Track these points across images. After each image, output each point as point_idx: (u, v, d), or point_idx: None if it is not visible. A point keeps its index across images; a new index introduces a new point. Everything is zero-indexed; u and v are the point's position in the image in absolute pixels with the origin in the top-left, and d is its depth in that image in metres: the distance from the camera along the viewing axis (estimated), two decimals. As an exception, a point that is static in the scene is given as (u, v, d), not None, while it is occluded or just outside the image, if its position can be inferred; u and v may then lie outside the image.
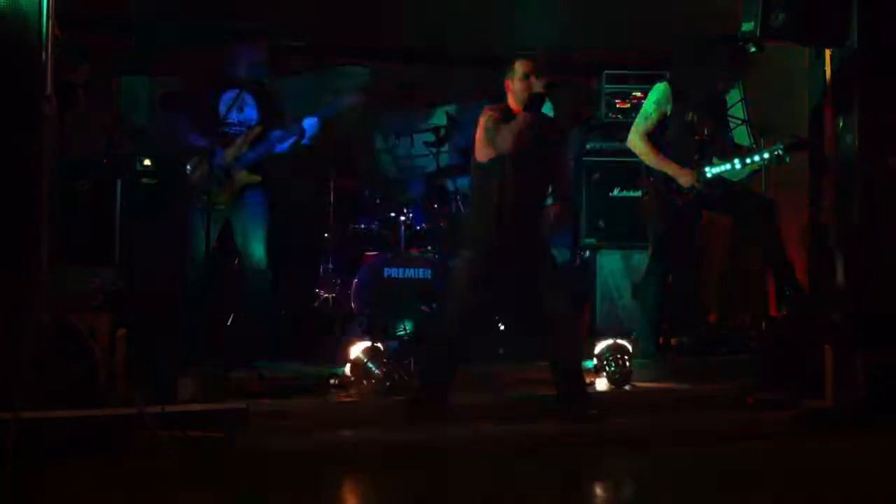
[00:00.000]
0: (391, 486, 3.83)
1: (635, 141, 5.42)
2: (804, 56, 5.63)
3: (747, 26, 5.07)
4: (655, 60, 7.93)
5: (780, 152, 5.24)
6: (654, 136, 5.41)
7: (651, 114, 5.41)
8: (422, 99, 8.30)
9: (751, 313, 6.81)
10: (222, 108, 5.42)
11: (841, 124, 5.28)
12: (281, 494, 3.65)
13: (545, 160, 4.63)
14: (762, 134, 6.15)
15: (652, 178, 5.46)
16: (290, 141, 5.62)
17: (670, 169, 5.33)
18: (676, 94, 5.38)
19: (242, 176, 5.46)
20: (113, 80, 7.18)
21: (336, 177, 6.84)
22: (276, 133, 5.61)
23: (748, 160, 5.32)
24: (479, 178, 4.61)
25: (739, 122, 7.29)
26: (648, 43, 7.50)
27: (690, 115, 5.38)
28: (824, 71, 5.37)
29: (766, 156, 5.27)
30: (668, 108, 5.40)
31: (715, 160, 5.36)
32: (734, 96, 6.33)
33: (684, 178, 5.30)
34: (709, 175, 5.33)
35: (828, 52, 5.33)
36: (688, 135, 5.40)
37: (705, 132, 5.42)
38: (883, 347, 5.21)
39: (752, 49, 5.39)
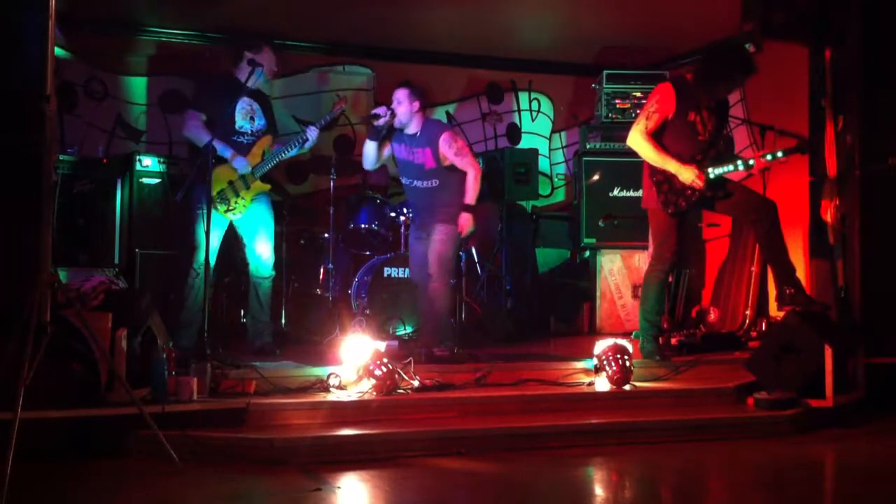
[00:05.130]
0: (392, 485, 3.83)
1: (636, 139, 5.40)
2: (804, 56, 5.64)
3: (747, 26, 5.08)
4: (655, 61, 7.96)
5: (780, 154, 5.25)
6: (655, 136, 5.40)
7: (653, 113, 5.39)
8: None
9: (750, 313, 6.82)
10: (237, 117, 5.54)
11: (841, 124, 5.28)
12: (282, 494, 3.65)
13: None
14: (762, 133, 6.16)
15: (653, 178, 5.45)
16: (296, 150, 5.77)
17: (673, 166, 5.31)
18: (679, 95, 5.37)
19: (257, 184, 5.58)
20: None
21: (336, 177, 6.85)
22: (281, 141, 5.75)
23: (749, 161, 5.33)
24: None
25: (739, 121, 7.31)
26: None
27: (693, 115, 5.37)
28: (824, 71, 5.37)
29: (767, 157, 5.28)
30: (671, 109, 5.38)
31: (716, 160, 5.36)
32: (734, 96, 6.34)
33: (687, 174, 5.28)
34: (711, 176, 5.32)
35: (828, 52, 5.33)
36: (690, 135, 5.38)
37: (707, 132, 5.40)
38: (883, 347, 5.22)
39: (752, 48, 5.39)
